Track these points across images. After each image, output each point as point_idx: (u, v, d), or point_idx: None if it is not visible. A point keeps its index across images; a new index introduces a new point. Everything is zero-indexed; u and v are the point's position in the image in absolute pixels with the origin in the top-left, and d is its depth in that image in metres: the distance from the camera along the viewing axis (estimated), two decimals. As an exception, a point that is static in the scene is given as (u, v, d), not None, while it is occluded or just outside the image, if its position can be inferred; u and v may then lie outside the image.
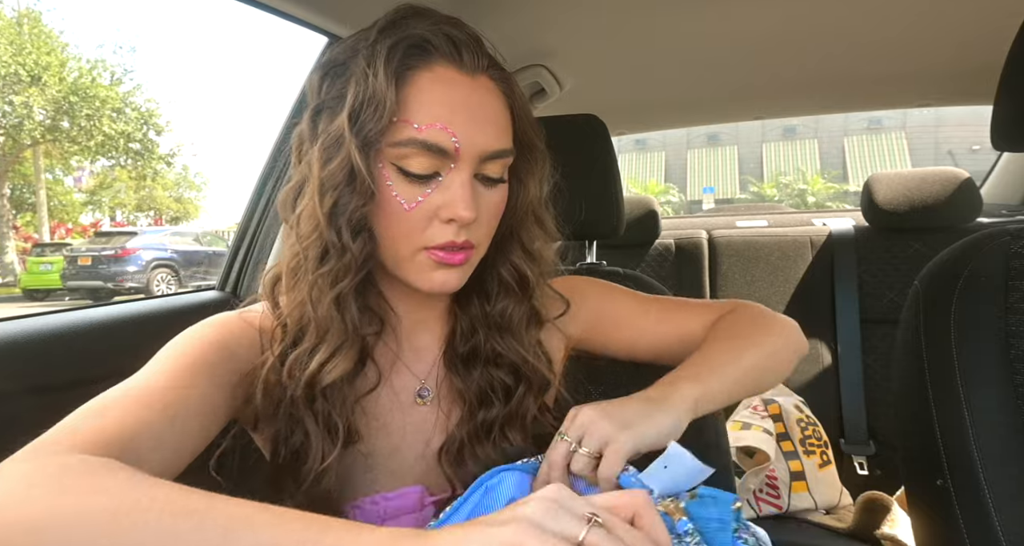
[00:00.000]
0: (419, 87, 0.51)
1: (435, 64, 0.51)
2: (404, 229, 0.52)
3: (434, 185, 0.52)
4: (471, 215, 0.51)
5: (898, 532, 1.07)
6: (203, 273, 11.10)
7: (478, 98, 0.53)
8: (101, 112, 15.42)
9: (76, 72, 15.46)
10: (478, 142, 0.52)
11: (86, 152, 16.47)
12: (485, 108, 0.53)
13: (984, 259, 0.63)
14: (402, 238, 0.52)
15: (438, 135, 0.50)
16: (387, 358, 0.60)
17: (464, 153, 0.51)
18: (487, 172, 0.54)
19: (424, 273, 0.54)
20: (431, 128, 0.50)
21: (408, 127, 0.50)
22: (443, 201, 0.51)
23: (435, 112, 0.50)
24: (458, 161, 0.51)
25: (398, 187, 0.51)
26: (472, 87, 0.52)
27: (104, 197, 20.57)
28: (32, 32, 14.96)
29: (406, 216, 0.52)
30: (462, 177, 0.51)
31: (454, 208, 0.51)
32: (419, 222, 0.52)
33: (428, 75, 0.51)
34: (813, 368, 1.57)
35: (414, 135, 0.50)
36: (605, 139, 0.94)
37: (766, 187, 26.65)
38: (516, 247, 0.61)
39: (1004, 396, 0.59)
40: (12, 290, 12.82)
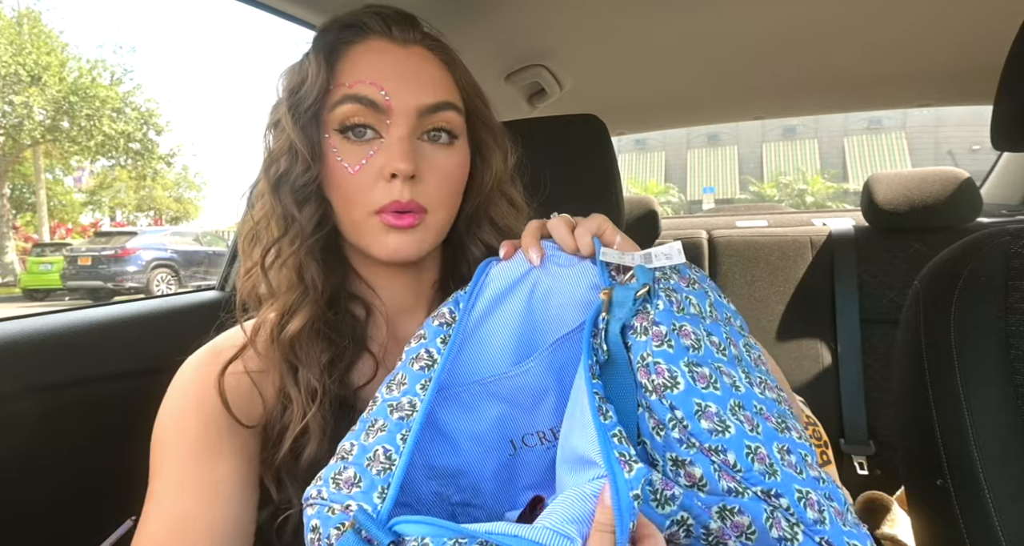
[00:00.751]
0: (352, 59, 0.55)
1: (367, 38, 0.56)
2: (352, 192, 0.54)
3: (376, 146, 0.54)
4: (407, 166, 0.53)
5: (898, 532, 1.07)
6: (203, 273, 11.11)
7: (412, 61, 0.56)
8: (101, 112, 15.42)
9: (76, 72, 15.46)
10: (410, 97, 0.54)
11: (86, 152, 16.47)
12: (417, 67, 0.56)
13: (984, 259, 0.63)
14: (352, 202, 0.55)
15: (367, 89, 0.53)
16: (377, 345, 0.61)
17: (397, 107, 0.54)
18: (430, 126, 0.56)
19: (378, 238, 0.55)
20: (360, 84, 0.53)
21: (341, 88, 0.54)
22: (384, 159, 0.54)
23: (363, 72, 0.54)
24: (392, 116, 0.54)
25: (343, 152, 0.54)
26: (405, 53, 0.56)
27: (104, 197, 20.58)
28: (32, 32, 14.96)
29: (352, 179, 0.54)
30: (399, 132, 0.54)
31: (391, 161, 0.53)
32: (365, 184, 0.54)
33: (360, 48, 0.56)
34: (813, 368, 1.57)
35: (346, 92, 0.53)
36: (605, 139, 0.94)
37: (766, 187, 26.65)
38: (486, 224, 0.62)
39: (1004, 396, 0.59)
40: (12, 290, 12.83)
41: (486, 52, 1.18)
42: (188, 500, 0.48)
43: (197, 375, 0.55)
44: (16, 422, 0.72)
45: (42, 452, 0.74)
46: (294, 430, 0.53)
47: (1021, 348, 0.59)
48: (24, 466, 0.73)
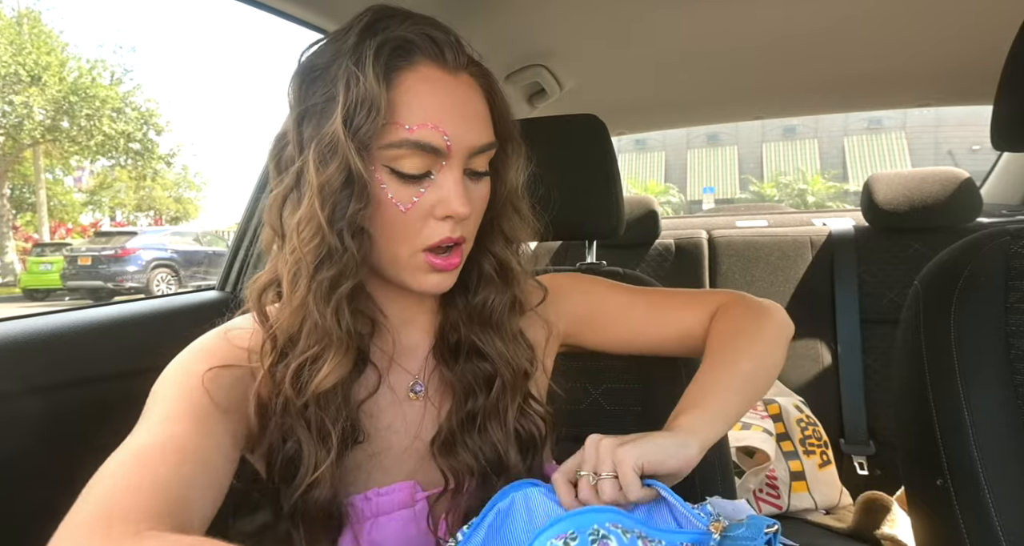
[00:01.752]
0: (406, 88, 0.51)
1: (419, 64, 0.52)
2: (401, 231, 0.53)
3: (427, 184, 0.52)
4: (467, 211, 0.52)
5: (898, 532, 1.07)
6: (203, 273, 11.11)
7: (463, 95, 0.54)
8: (101, 112, 15.42)
9: (76, 72, 15.46)
10: (467, 138, 0.53)
11: (86, 152, 16.47)
12: (470, 104, 0.54)
13: (984, 259, 0.63)
14: (400, 240, 0.53)
15: (430, 135, 0.51)
16: (381, 359, 0.60)
17: (455, 150, 0.52)
18: (474, 167, 0.55)
19: (419, 275, 0.55)
20: (423, 128, 0.50)
21: (400, 128, 0.50)
22: (438, 199, 0.52)
23: (425, 112, 0.51)
24: (449, 158, 0.52)
25: (392, 189, 0.52)
26: (456, 85, 0.53)
27: (104, 197, 20.57)
28: (32, 32, 14.96)
29: (403, 217, 0.52)
30: (454, 174, 0.53)
31: (449, 205, 0.52)
32: (415, 222, 0.53)
33: (413, 75, 0.51)
34: (813, 368, 1.57)
35: (407, 136, 0.50)
36: (605, 139, 0.94)
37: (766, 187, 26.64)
38: (499, 237, 0.62)
39: (1004, 396, 0.59)
40: (12, 290, 12.82)
41: (486, 52, 1.17)
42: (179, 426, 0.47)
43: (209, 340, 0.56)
44: (16, 422, 0.72)
45: (43, 452, 0.74)
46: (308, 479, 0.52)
47: (1021, 348, 0.59)
48: (25, 466, 0.73)
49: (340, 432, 0.53)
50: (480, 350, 0.61)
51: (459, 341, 0.61)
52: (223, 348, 0.55)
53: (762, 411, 1.35)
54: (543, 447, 0.63)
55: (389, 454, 0.59)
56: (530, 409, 0.62)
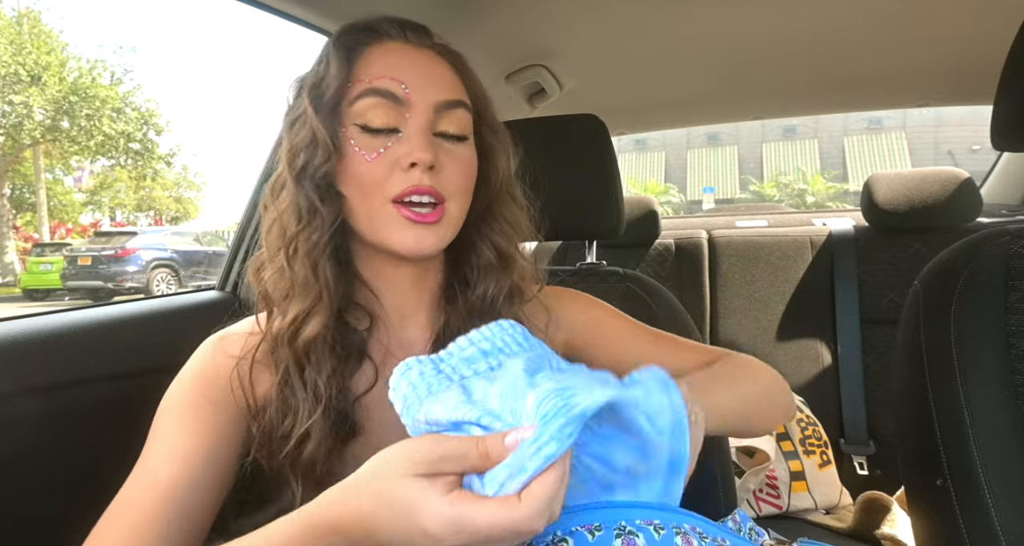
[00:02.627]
0: (370, 57, 0.57)
1: (384, 41, 0.58)
2: (369, 181, 0.55)
3: (394, 139, 0.55)
4: (428, 156, 0.54)
5: (898, 532, 1.07)
6: (203, 273, 11.11)
7: (426, 59, 0.58)
8: (101, 112, 15.42)
9: (76, 72, 15.46)
10: (428, 92, 0.56)
11: (86, 152, 16.47)
12: (433, 67, 0.58)
13: (984, 259, 0.63)
14: (368, 190, 0.55)
15: (388, 83, 0.55)
16: (379, 353, 0.61)
17: (416, 101, 0.55)
18: (445, 127, 0.57)
19: (397, 232, 0.55)
20: (382, 78, 0.55)
21: (361, 83, 0.55)
22: (404, 150, 0.55)
23: (385, 68, 0.56)
24: (411, 109, 0.55)
25: (360, 142, 0.55)
26: (419, 53, 0.58)
27: (104, 197, 20.58)
28: (32, 32, 14.96)
29: (369, 167, 0.55)
30: (417, 124, 0.55)
31: (411, 152, 0.54)
32: (381, 172, 0.55)
33: (377, 48, 0.57)
34: (813, 368, 1.57)
35: (367, 86, 0.55)
36: (605, 139, 0.94)
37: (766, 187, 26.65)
38: (497, 224, 0.63)
39: (1004, 396, 0.59)
40: (12, 290, 12.82)
41: (486, 52, 1.18)
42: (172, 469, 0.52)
43: (204, 355, 0.59)
44: (17, 422, 0.72)
45: (43, 452, 0.74)
46: (299, 431, 0.54)
47: (1021, 348, 0.59)
48: (25, 466, 0.73)
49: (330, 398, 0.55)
50: None
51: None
52: (214, 366, 0.58)
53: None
54: None
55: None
56: None
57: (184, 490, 0.51)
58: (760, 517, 1.25)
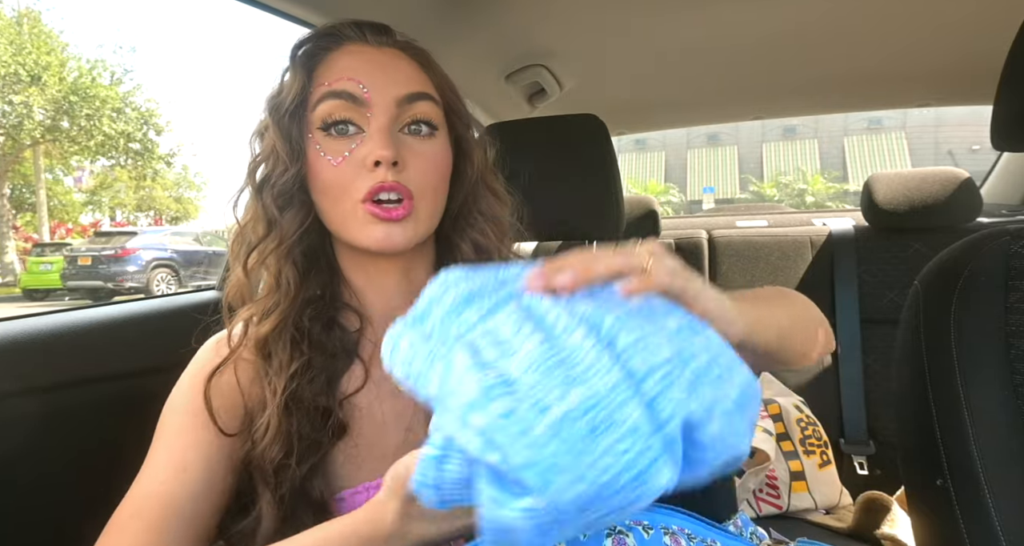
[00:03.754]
0: (329, 62, 0.57)
1: (344, 44, 0.58)
2: (336, 183, 0.55)
3: (358, 140, 0.56)
4: (389, 153, 0.54)
5: (898, 532, 1.07)
6: (203, 273, 11.10)
7: (386, 58, 0.58)
8: (101, 112, 15.42)
9: (76, 72, 15.46)
10: (387, 89, 0.56)
11: (86, 152, 16.47)
12: (393, 64, 0.58)
13: (984, 259, 0.63)
14: (337, 193, 0.55)
15: (346, 84, 0.55)
16: (367, 350, 0.61)
17: (375, 99, 0.55)
18: (408, 119, 0.57)
19: (365, 229, 0.55)
20: (339, 80, 0.55)
21: (321, 88, 0.56)
22: (366, 150, 0.55)
23: (343, 71, 0.56)
24: (372, 108, 0.55)
25: (325, 147, 0.56)
26: (379, 52, 0.58)
27: (104, 197, 20.57)
28: (32, 32, 14.96)
29: (335, 170, 0.55)
30: (379, 122, 0.55)
31: (374, 150, 0.54)
32: (348, 174, 0.55)
33: (337, 52, 0.58)
34: (813, 368, 1.57)
35: (325, 90, 0.55)
36: (605, 139, 0.94)
37: (766, 187, 26.64)
38: (475, 218, 0.63)
39: (1004, 396, 0.59)
40: (12, 290, 12.82)
41: (486, 52, 1.18)
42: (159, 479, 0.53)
43: (203, 358, 0.60)
44: (17, 422, 0.72)
45: (43, 452, 0.74)
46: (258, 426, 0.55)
47: (1021, 348, 0.59)
48: (25, 466, 0.73)
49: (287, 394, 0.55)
50: None
51: None
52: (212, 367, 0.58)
53: (762, 411, 1.35)
54: None
55: (380, 448, 0.60)
56: None
57: (186, 501, 0.52)
58: (760, 517, 1.25)
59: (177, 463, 0.53)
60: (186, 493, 0.52)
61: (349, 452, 0.58)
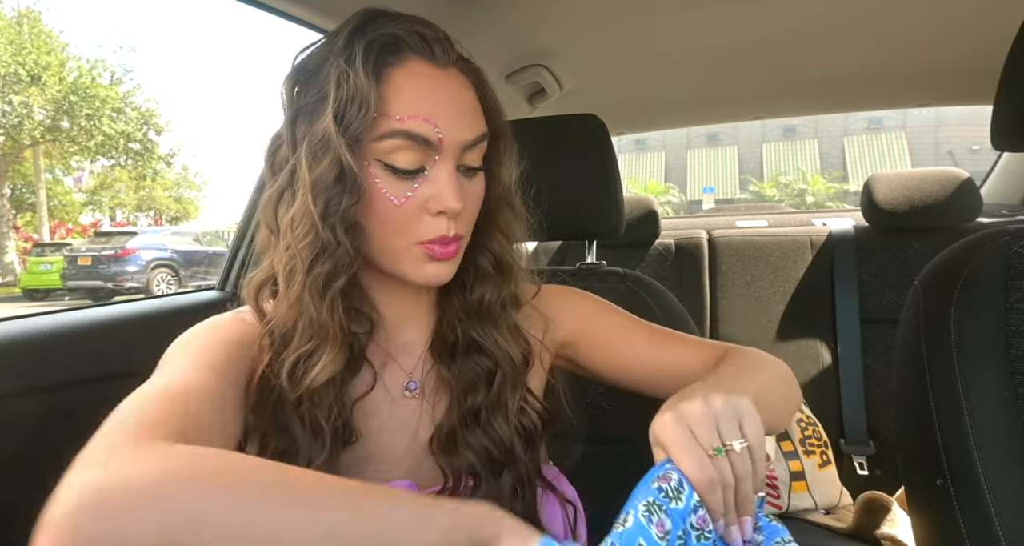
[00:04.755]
0: (396, 83, 0.52)
1: (408, 60, 0.53)
2: (395, 225, 0.53)
3: (421, 180, 0.53)
4: (460, 206, 0.52)
5: (898, 532, 1.07)
6: (203, 273, 11.11)
7: (453, 89, 0.54)
8: (101, 112, 15.41)
9: (76, 72, 15.46)
10: (459, 131, 0.53)
11: (86, 152, 16.46)
12: (460, 98, 0.55)
13: (984, 259, 0.63)
14: (395, 233, 0.53)
15: (421, 126, 0.51)
16: (377, 356, 0.60)
17: (447, 143, 0.52)
18: (467, 162, 0.56)
19: (418, 266, 0.55)
20: (414, 119, 0.51)
21: (391, 120, 0.51)
22: (431, 194, 0.53)
23: (415, 105, 0.52)
24: (442, 152, 0.53)
25: (386, 184, 0.52)
26: (446, 79, 0.54)
27: (104, 197, 20.57)
28: (32, 32, 14.96)
29: (397, 212, 0.53)
30: (448, 168, 0.53)
31: (443, 200, 0.52)
32: (410, 217, 0.53)
33: (403, 71, 0.52)
34: (813, 368, 1.57)
35: (398, 126, 0.51)
36: (605, 139, 0.94)
37: (766, 187, 26.63)
38: (496, 233, 0.62)
39: (1004, 396, 0.59)
40: (12, 290, 12.82)
41: (486, 52, 1.18)
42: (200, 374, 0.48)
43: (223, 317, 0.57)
44: (16, 422, 0.72)
45: (42, 452, 0.74)
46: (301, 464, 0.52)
47: (1021, 348, 0.59)
48: (24, 467, 0.72)
49: (333, 429, 0.54)
50: (479, 345, 0.61)
51: (457, 338, 0.61)
52: (236, 326, 0.56)
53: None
54: (540, 444, 0.63)
55: (386, 453, 0.59)
56: (527, 405, 0.62)
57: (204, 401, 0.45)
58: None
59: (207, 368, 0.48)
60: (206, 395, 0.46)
61: (356, 455, 0.58)
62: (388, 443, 0.60)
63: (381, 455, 0.59)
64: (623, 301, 0.74)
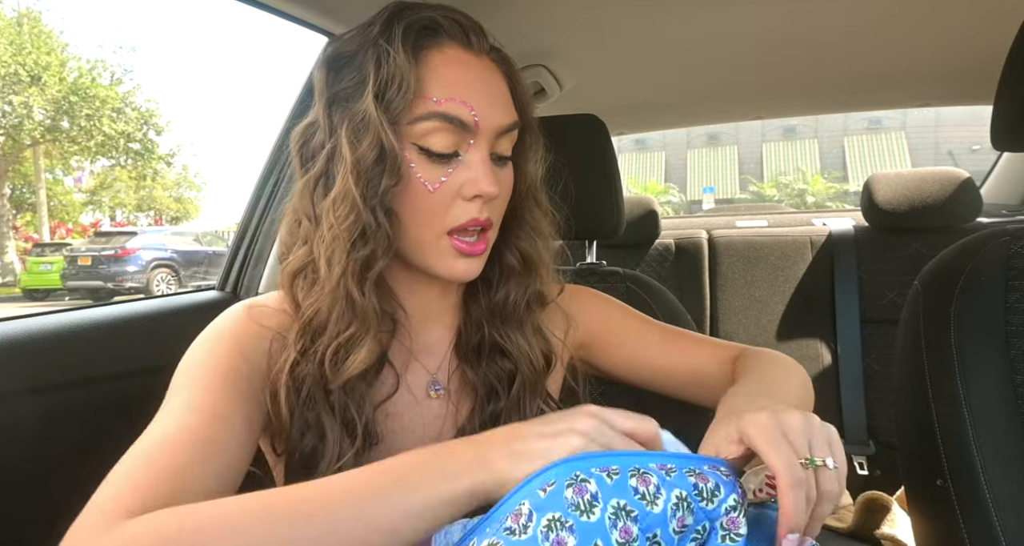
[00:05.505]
0: (433, 66, 0.52)
1: (445, 45, 0.53)
2: (428, 211, 0.53)
3: (455, 164, 0.53)
4: (495, 190, 0.52)
5: (898, 532, 1.07)
6: (203, 273, 11.10)
7: (488, 75, 0.55)
8: (101, 112, 15.41)
9: (76, 72, 15.45)
10: (494, 116, 0.53)
11: (86, 152, 16.46)
12: (494, 84, 0.55)
13: (984, 259, 0.63)
14: (427, 221, 0.53)
15: (458, 108, 0.51)
16: (401, 356, 0.59)
17: (483, 127, 0.52)
18: (499, 150, 0.56)
19: (446, 261, 0.54)
20: (451, 102, 0.51)
21: (428, 102, 0.51)
22: (466, 179, 0.52)
23: (453, 88, 0.52)
24: (477, 136, 0.53)
25: (421, 168, 0.52)
26: (481, 65, 0.54)
27: (104, 197, 20.56)
28: (32, 32, 14.96)
29: (430, 198, 0.52)
30: (482, 153, 0.53)
31: (478, 184, 0.52)
32: (443, 202, 0.53)
33: (440, 55, 0.53)
34: (813, 368, 1.57)
35: (434, 108, 0.51)
36: (605, 139, 0.94)
37: (766, 187, 26.63)
38: (523, 229, 0.61)
39: (1004, 396, 0.59)
40: (12, 290, 12.82)
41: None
42: (194, 418, 0.47)
43: (234, 318, 0.56)
44: (16, 423, 0.72)
45: (43, 452, 0.74)
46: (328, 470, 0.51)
47: (1021, 348, 0.59)
48: (25, 466, 0.73)
49: (365, 423, 0.53)
50: (502, 348, 0.60)
51: (481, 340, 0.61)
52: (246, 330, 0.55)
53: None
54: None
55: None
56: (547, 407, 0.62)
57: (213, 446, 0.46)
58: (760, 517, 1.25)
59: (205, 409, 0.47)
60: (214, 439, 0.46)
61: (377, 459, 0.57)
62: (412, 444, 0.59)
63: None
64: (623, 301, 0.74)
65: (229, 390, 0.50)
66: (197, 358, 0.53)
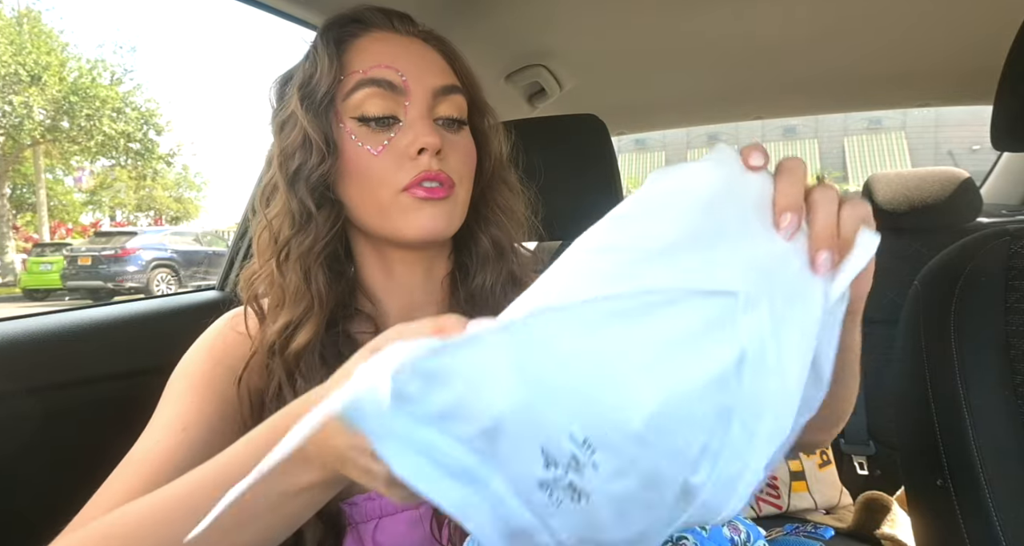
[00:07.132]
0: (360, 48, 0.56)
1: (372, 30, 0.57)
2: (379, 173, 0.54)
3: (396, 129, 0.54)
4: (435, 139, 0.53)
5: (898, 532, 1.07)
6: (203, 273, 11.10)
7: (415, 47, 0.58)
8: (101, 112, 15.41)
9: (76, 72, 15.46)
10: (424, 78, 0.55)
11: (86, 152, 16.47)
12: (422, 53, 0.57)
13: (984, 259, 0.63)
14: (378, 182, 0.54)
15: (384, 72, 0.54)
16: None
17: (413, 87, 0.54)
18: (443, 113, 0.57)
19: (409, 216, 0.54)
20: (376, 68, 0.54)
21: (355, 75, 0.54)
22: (408, 139, 0.54)
23: (377, 57, 0.55)
24: (410, 96, 0.54)
25: (362, 137, 0.54)
26: (408, 41, 0.58)
27: (104, 197, 20.56)
28: (32, 32, 14.96)
29: (376, 161, 0.54)
30: (418, 111, 0.55)
31: (419, 138, 0.53)
32: (390, 164, 0.54)
33: (366, 39, 0.56)
34: (813, 368, 1.57)
35: (361, 77, 0.54)
36: (605, 139, 0.94)
37: (766, 187, 26.61)
38: (493, 210, 0.62)
39: (1004, 396, 0.59)
40: (12, 290, 12.82)
41: (486, 52, 1.18)
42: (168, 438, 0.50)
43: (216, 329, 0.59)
44: (16, 422, 0.72)
45: (42, 452, 0.74)
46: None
47: (1021, 348, 0.59)
48: (25, 466, 0.73)
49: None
50: None
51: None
52: (225, 338, 0.57)
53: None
54: None
55: None
56: None
57: (184, 458, 0.48)
58: (760, 517, 1.25)
59: (176, 424, 0.51)
60: (184, 451, 0.49)
61: None
62: None
63: None
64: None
65: (209, 400, 0.52)
66: (179, 372, 0.55)
